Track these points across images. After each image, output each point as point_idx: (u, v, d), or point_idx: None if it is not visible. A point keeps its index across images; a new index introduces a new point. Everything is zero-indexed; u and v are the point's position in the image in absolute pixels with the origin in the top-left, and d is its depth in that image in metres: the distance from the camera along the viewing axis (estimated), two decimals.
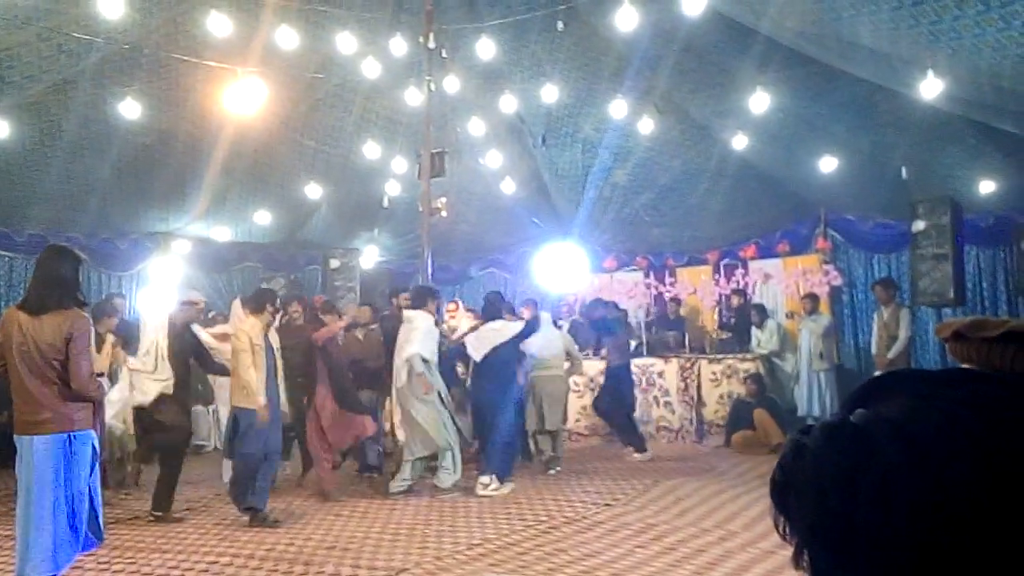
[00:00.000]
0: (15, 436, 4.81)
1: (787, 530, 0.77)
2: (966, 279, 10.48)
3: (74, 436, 4.73)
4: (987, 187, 10.38)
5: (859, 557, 0.70)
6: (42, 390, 4.69)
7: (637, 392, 12.10)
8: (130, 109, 9.67)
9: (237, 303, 7.86)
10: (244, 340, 7.32)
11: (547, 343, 9.58)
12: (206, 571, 5.93)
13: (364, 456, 9.28)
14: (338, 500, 8.24)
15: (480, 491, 8.39)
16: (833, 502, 0.71)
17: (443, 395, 8.53)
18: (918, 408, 0.72)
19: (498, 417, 8.67)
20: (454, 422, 8.57)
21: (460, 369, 10.30)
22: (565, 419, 10.24)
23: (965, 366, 0.85)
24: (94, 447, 4.86)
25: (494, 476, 8.51)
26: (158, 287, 13.34)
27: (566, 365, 10.06)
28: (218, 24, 8.48)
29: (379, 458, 9.38)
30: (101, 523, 4.95)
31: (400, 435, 8.92)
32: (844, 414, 0.76)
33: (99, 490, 4.99)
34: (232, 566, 6.03)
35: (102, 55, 9.42)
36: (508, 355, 8.86)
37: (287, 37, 9.06)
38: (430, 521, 7.35)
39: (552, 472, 9.46)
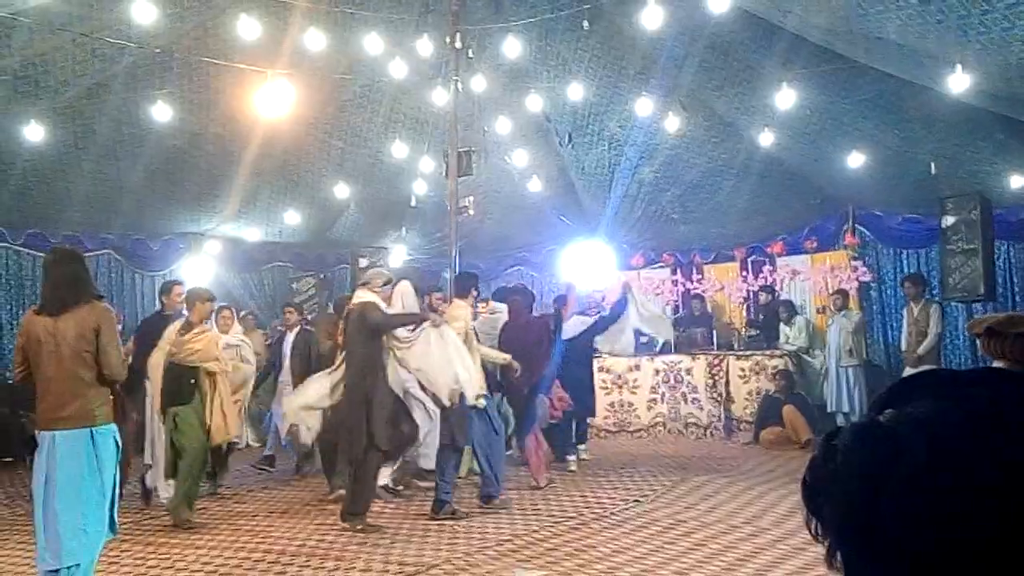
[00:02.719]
0: (38, 432, 4.93)
1: (819, 531, 0.79)
2: (996, 274, 10.41)
3: (96, 431, 4.83)
4: (1017, 182, 10.30)
5: (889, 557, 0.71)
6: (70, 386, 4.79)
7: (665, 388, 12.15)
8: (162, 112, 9.79)
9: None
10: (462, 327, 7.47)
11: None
12: (239, 566, 6.02)
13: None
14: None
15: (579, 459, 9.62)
16: (862, 503, 0.72)
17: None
18: (945, 409, 0.73)
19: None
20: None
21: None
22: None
23: (997, 363, 0.86)
24: (116, 440, 4.96)
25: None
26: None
27: None
28: (248, 27, 8.57)
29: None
30: (115, 517, 5.03)
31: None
32: (873, 415, 0.77)
33: (117, 483, 5.07)
34: (264, 561, 6.12)
35: (134, 59, 9.55)
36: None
37: (315, 39, 9.14)
38: (459, 518, 7.41)
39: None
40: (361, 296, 7.31)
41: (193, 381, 7.39)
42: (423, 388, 7.75)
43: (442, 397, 7.27)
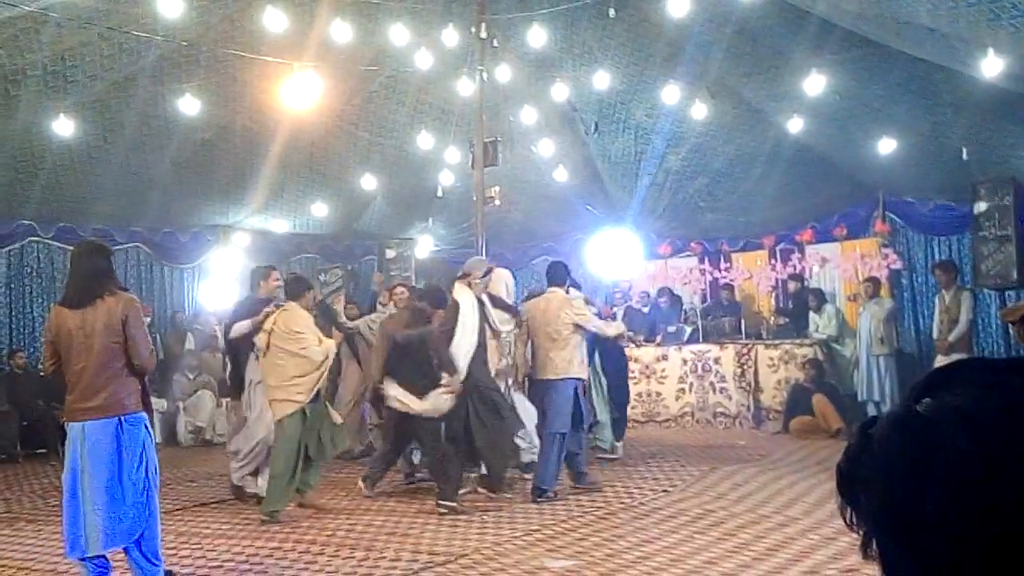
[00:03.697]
0: (66, 423, 4.98)
1: (854, 519, 0.78)
2: None
3: (125, 419, 4.86)
4: None
5: (927, 546, 0.71)
6: (100, 376, 4.83)
7: (693, 378, 12.08)
8: (189, 105, 9.84)
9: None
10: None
11: None
12: (270, 556, 6.06)
13: None
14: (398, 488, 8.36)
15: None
16: (900, 492, 0.72)
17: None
18: (983, 397, 0.73)
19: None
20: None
21: None
22: None
23: None
24: (147, 427, 4.99)
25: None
26: (220, 279, 13.63)
27: None
28: (274, 20, 8.59)
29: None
30: (154, 502, 5.05)
31: None
32: (910, 404, 0.77)
33: (157, 469, 5.11)
34: (295, 551, 6.15)
35: (161, 53, 9.61)
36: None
37: (341, 31, 9.15)
38: (488, 507, 7.42)
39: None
40: (460, 291, 7.54)
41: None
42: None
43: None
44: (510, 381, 8.24)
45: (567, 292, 8.01)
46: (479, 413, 7.43)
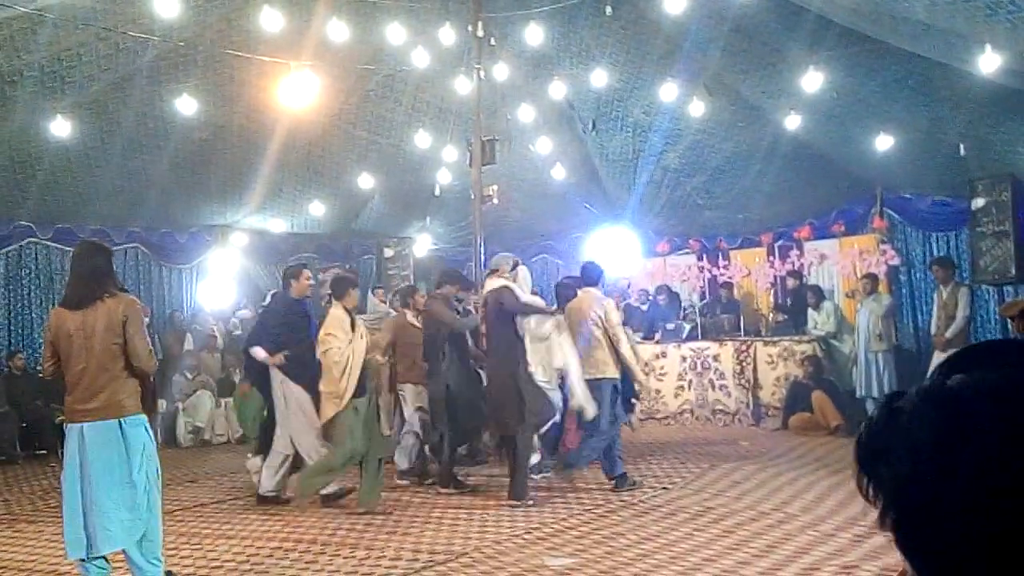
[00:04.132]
0: (65, 424, 4.97)
1: (871, 491, 0.78)
2: None
3: (125, 421, 4.86)
4: None
5: (952, 522, 0.71)
6: (100, 378, 4.82)
7: (693, 376, 12.07)
8: (186, 105, 9.83)
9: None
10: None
11: None
12: (270, 556, 6.06)
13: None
14: (400, 486, 8.36)
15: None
16: (927, 467, 0.72)
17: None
18: (1016, 376, 0.73)
19: None
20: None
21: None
22: None
23: None
24: (147, 429, 4.98)
25: None
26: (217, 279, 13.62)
27: None
28: (271, 19, 8.57)
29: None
30: (156, 502, 5.05)
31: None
32: (942, 379, 0.76)
33: (158, 471, 5.10)
34: (296, 551, 6.15)
35: (158, 53, 9.60)
36: None
37: (338, 30, 9.13)
38: (488, 506, 7.43)
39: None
40: (493, 283, 7.65)
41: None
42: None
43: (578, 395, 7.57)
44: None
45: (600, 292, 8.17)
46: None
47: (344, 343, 7.22)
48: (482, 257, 10.18)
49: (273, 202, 13.70)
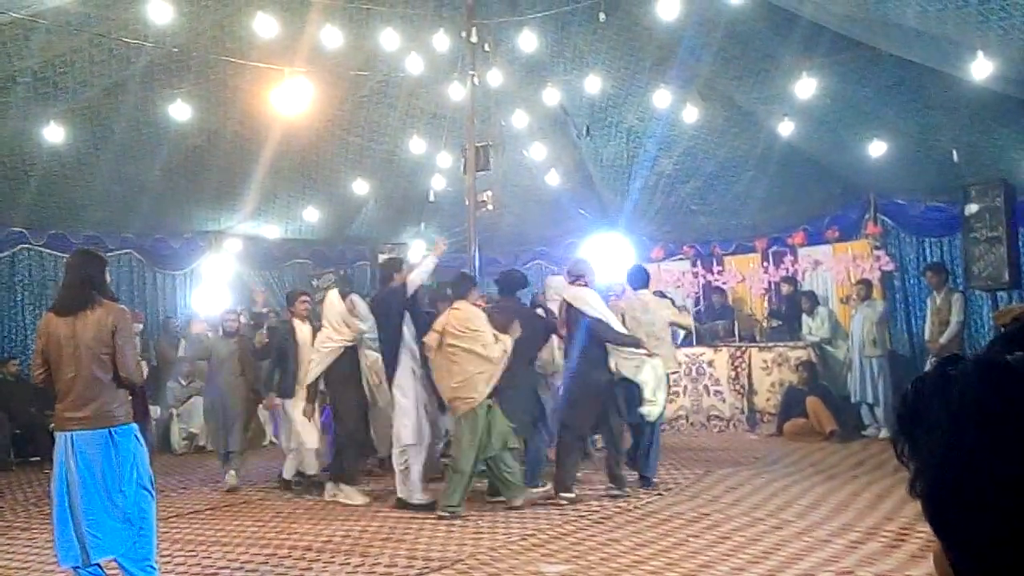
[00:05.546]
0: (55, 432, 4.95)
1: (905, 454, 0.77)
2: (1021, 262, 10.27)
3: (115, 431, 4.84)
4: None
5: (985, 497, 0.70)
6: (89, 387, 4.79)
7: (687, 381, 12.07)
8: (180, 111, 9.81)
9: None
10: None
11: None
12: (265, 563, 6.04)
13: None
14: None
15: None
16: (968, 438, 0.71)
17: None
18: None
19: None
20: None
21: None
22: None
23: None
24: (138, 438, 4.96)
25: None
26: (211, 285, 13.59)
27: None
28: (264, 25, 8.56)
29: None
30: (149, 510, 5.03)
31: None
32: (1000, 354, 0.75)
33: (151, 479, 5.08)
34: (290, 558, 6.14)
35: (151, 59, 9.58)
36: None
37: (332, 36, 9.13)
38: (483, 512, 7.41)
39: None
40: (575, 292, 8.00)
41: None
42: None
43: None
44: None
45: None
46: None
47: (493, 340, 7.33)
48: (477, 263, 10.16)
49: (267, 208, 13.69)
